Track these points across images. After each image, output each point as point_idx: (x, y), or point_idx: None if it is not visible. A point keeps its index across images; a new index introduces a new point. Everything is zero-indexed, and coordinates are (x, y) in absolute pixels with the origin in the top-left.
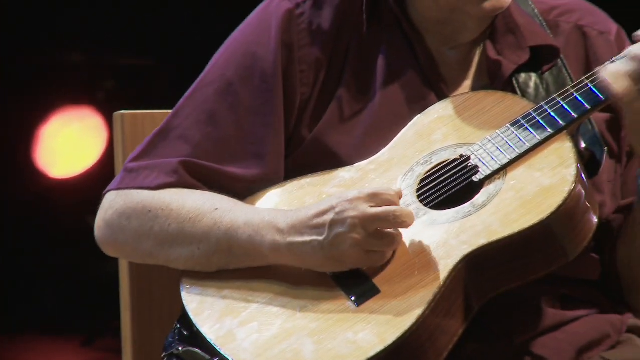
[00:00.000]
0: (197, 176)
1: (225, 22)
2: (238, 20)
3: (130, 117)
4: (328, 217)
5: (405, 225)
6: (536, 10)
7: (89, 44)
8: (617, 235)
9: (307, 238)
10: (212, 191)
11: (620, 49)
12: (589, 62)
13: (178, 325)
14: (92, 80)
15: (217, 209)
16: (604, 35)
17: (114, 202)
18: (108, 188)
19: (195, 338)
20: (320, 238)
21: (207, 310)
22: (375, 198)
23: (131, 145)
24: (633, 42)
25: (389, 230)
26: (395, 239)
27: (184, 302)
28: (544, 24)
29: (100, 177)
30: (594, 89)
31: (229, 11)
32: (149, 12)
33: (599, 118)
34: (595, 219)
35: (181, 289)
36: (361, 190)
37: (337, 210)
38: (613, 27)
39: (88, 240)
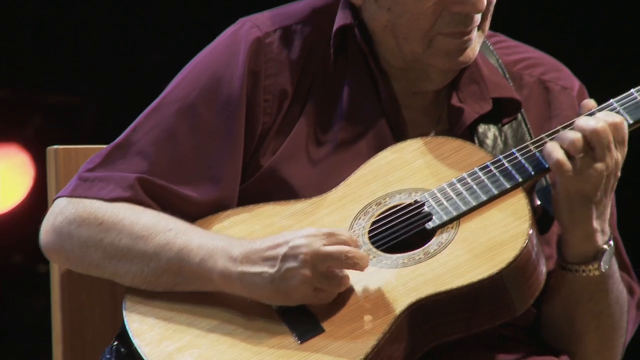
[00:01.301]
0: (151, 194)
1: (152, 60)
2: (164, 59)
3: (63, 152)
4: (281, 250)
5: (358, 267)
6: (500, 61)
7: (16, 80)
8: (550, 291)
9: (258, 269)
10: (165, 211)
11: None
12: (550, 117)
13: (116, 342)
14: (19, 116)
15: (170, 229)
16: (566, 91)
17: (65, 208)
18: (59, 194)
19: (133, 357)
20: (272, 270)
21: (148, 331)
22: (330, 237)
23: (64, 180)
24: (580, 113)
25: (339, 270)
26: (344, 280)
27: (126, 320)
28: (507, 75)
29: (27, 216)
30: None
31: (157, 48)
32: (77, 48)
33: (551, 172)
34: (544, 274)
35: (123, 306)
36: (318, 229)
37: (291, 244)
38: (576, 83)
39: (16, 279)
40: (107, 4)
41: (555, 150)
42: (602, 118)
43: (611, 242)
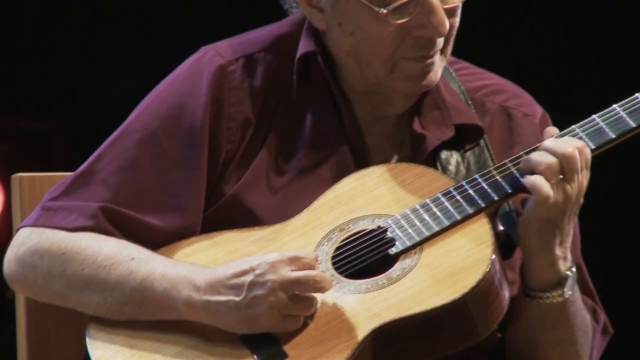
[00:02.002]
0: (114, 223)
1: (122, 86)
2: (134, 85)
3: (28, 179)
4: (247, 278)
5: (324, 290)
6: (463, 88)
7: None
8: (513, 317)
9: (223, 297)
10: (128, 239)
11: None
12: (513, 143)
13: None
14: None
15: (133, 258)
16: (528, 118)
17: (28, 238)
18: (23, 224)
19: None
20: (237, 299)
21: (112, 358)
22: (295, 262)
23: (30, 207)
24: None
25: (306, 294)
26: (313, 303)
27: (89, 347)
28: (470, 102)
29: None
30: (517, 174)
31: (127, 75)
32: (47, 74)
33: (516, 198)
34: (507, 299)
35: (87, 333)
36: (282, 254)
37: (257, 272)
38: (539, 110)
39: None
40: (77, 31)
41: (538, 180)
42: (569, 143)
43: (573, 269)
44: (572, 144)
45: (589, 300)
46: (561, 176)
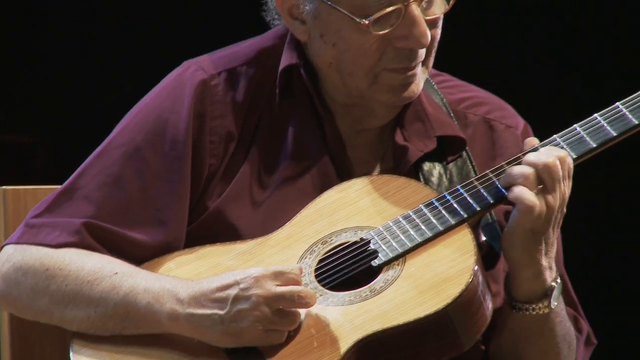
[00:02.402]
0: (98, 238)
1: (105, 99)
2: (119, 99)
3: (12, 192)
4: (232, 291)
5: (308, 305)
6: (445, 100)
7: None
8: (498, 329)
9: (207, 311)
10: (112, 255)
11: None
12: (495, 155)
13: None
14: None
15: (116, 273)
16: (510, 130)
17: (12, 255)
18: (7, 241)
19: None
20: (222, 312)
21: None
22: (280, 276)
23: (13, 221)
24: (523, 151)
25: (290, 309)
26: (296, 318)
27: None
28: (452, 114)
29: None
30: (499, 185)
31: (108, 88)
32: (28, 87)
33: (499, 208)
34: (490, 310)
35: (71, 350)
36: (267, 268)
37: (242, 286)
38: (520, 122)
39: None
40: (62, 45)
41: (522, 191)
42: (551, 153)
43: (559, 279)
44: (553, 154)
45: (571, 311)
46: (542, 186)
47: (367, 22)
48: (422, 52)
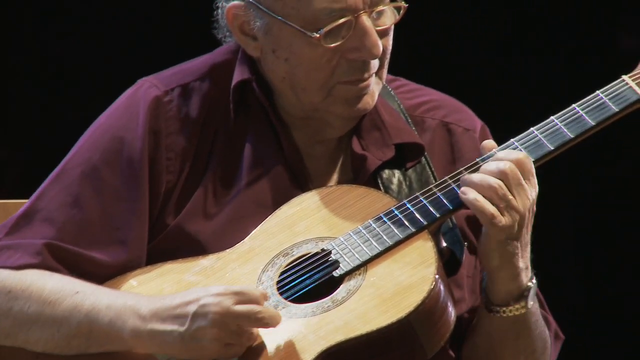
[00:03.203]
0: (60, 259)
1: (74, 117)
2: (91, 114)
3: None
4: (191, 308)
5: (268, 326)
6: (402, 106)
7: None
8: (472, 332)
9: (168, 327)
10: (74, 275)
11: None
12: (454, 159)
13: None
14: None
15: (78, 292)
16: (469, 133)
17: None
18: None
19: None
20: (182, 329)
21: None
22: (240, 296)
23: None
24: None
25: (249, 328)
26: (254, 336)
27: None
28: (409, 120)
29: None
30: (458, 191)
31: (79, 104)
32: (3, 101)
33: (460, 214)
34: (453, 317)
35: None
36: (228, 287)
37: (201, 303)
38: (478, 123)
39: None
40: (31, 59)
41: (486, 205)
42: (505, 157)
43: (534, 279)
44: (510, 158)
45: (541, 310)
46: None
47: (318, 35)
48: (375, 64)
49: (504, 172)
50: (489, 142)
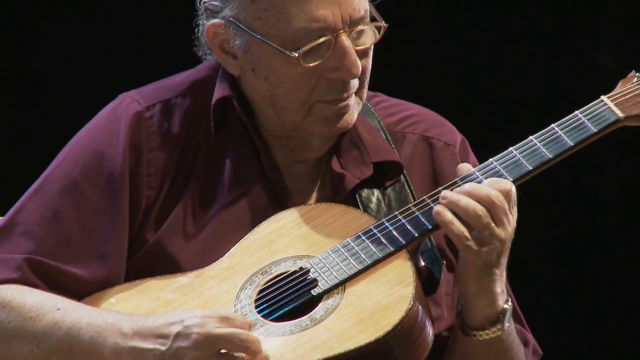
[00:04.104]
0: (39, 274)
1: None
2: (68, 130)
3: None
4: (174, 329)
5: (249, 351)
6: (382, 123)
7: None
8: (448, 353)
9: (149, 345)
10: (54, 291)
11: (464, 159)
12: (435, 173)
13: None
14: None
15: (59, 308)
16: (449, 148)
17: None
18: None
19: None
20: (163, 348)
21: None
22: (225, 321)
23: None
24: (459, 176)
25: (232, 353)
26: (236, 358)
27: None
28: (389, 137)
29: None
30: None
31: (57, 118)
32: None
33: (439, 232)
34: (431, 336)
35: None
36: (214, 311)
37: (185, 324)
38: (458, 138)
39: None
40: (12, 73)
41: (463, 232)
42: (494, 186)
43: (509, 301)
44: (500, 187)
45: (518, 326)
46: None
47: (297, 54)
48: (354, 83)
49: (493, 202)
50: (465, 165)
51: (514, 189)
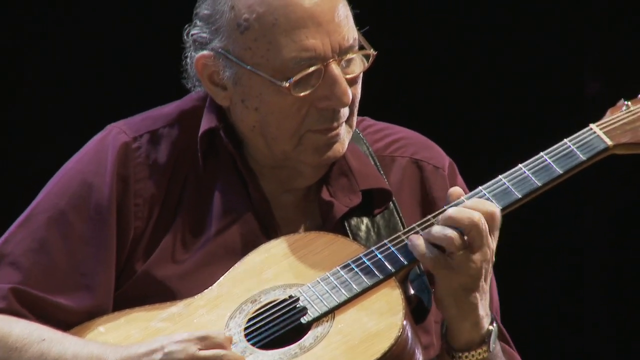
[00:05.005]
0: (26, 305)
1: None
2: (53, 159)
3: None
4: (156, 356)
5: None
6: (371, 149)
7: None
8: None
9: None
10: (40, 321)
11: (452, 182)
12: (424, 196)
13: None
14: None
15: (44, 339)
16: (438, 171)
17: None
18: None
19: None
20: None
21: None
22: (204, 341)
23: None
24: (448, 202)
25: None
26: None
27: None
28: (378, 162)
29: None
30: None
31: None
32: None
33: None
34: None
35: None
36: (192, 333)
37: (165, 350)
38: (446, 161)
39: None
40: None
41: (431, 252)
42: (477, 207)
43: (494, 323)
44: (479, 209)
45: (505, 346)
46: (472, 244)
47: (287, 84)
48: (344, 112)
49: (474, 223)
50: (456, 190)
51: (498, 212)
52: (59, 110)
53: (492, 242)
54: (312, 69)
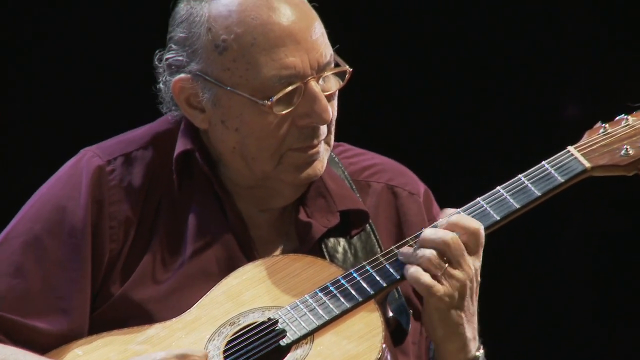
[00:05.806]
0: (2, 329)
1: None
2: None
3: None
4: None
5: None
6: (346, 172)
7: None
8: None
9: None
10: (16, 345)
11: (428, 209)
12: (400, 222)
13: None
14: None
15: None
16: (413, 197)
17: None
18: None
19: None
20: None
21: None
22: (183, 358)
23: None
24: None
25: None
26: None
27: None
28: (354, 186)
29: None
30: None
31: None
32: None
33: (406, 282)
34: None
35: None
36: (170, 351)
37: None
38: (421, 187)
39: None
40: None
41: (421, 276)
42: (458, 225)
43: (482, 349)
44: (465, 225)
45: None
46: (450, 262)
47: (269, 103)
48: (323, 130)
49: (445, 241)
50: (448, 211)
51: (481, 229)
52: (32, 133)
53: (475, 260)
54: (292, 87)
